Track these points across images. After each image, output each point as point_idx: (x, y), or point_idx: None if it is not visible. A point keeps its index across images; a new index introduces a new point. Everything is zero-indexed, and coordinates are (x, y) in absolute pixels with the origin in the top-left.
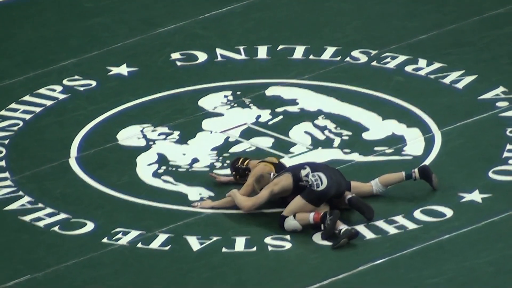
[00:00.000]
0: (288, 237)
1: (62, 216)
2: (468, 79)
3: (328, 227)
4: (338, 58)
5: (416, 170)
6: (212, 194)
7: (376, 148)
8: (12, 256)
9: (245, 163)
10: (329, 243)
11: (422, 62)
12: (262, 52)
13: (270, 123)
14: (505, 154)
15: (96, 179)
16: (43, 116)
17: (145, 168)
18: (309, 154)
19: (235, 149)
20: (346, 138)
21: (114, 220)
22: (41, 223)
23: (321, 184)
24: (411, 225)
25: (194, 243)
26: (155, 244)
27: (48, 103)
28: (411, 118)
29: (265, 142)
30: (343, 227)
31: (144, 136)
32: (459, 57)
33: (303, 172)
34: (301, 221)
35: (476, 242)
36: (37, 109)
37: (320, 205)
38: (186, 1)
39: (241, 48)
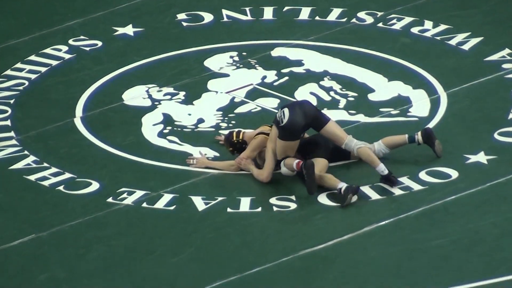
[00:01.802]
0: (293, 197)
1: (67, 175)
2: (474, 41)
3: (307, 179)
4: (344, 20)
5: (419, 133)
6: (217, 154)
7: (381, 109)
8: (16, 215)
9: (240, 136)
10: (335, 204)
11: (428, 24)
12: (268, 13)
13: (275, 84)
14: (511, 116)
15: (101, 139)
16: (48, 76)
17: (150, 128)
18: None
19: (240, 109)
20: (352, 99)
21: (119, 180)
22: (46, 183)
23: (284, 117)
24: (416, 186)
25: (199, 203)
26: (160, 204)
27: (54, 63)
28: (417, 80)
29: (270, 103)
30: (342, 185)
31: (150, 96)
32: (465, 19)
33: (277, 115)
34: (288, 167)
35: (481, 204)
36: (43, 69)
37: (294, 139)
38: None
39: (247, 9)
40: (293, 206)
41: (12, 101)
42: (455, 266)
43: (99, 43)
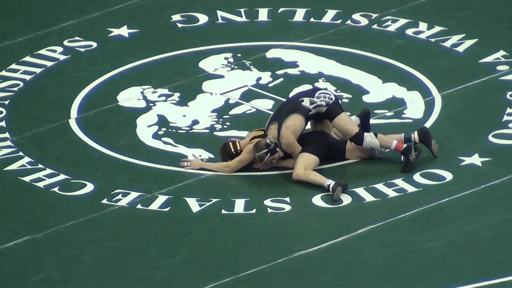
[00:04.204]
0: (287, 199)
1: (62, 177)
2: (469, 42)
3: (412, 161)
4: (339, 21)
5: (415, 132)
6: (211, 156)
7: (376, 111)
8: (11, 216)
9: (238, 147)
10: (330, 206)
11: (422, 26)
12: (263, 14)
13: (270, 85)
14: (505, 118)
15: (96, 140)
16: (43, 77)
17: (145, 129)
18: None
19: (235, 111)
20: (347, 100)
21: (113, 182)
22: (40, 184)
23: (331, 94)
24: (410, 188)
25: (194, 205)
26: (154, 206)
27: (49, 64)
28: (411, 81)
29: (265, 104)
30: (330, 182)
31: (144, 98)
32: (459, 20)
33: (306, 103)
34: (382, 142)
35: (476, 206)
36: (38, 70)
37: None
38: None
39: (242, 10)
40: (287, 207)
41: (6, 102)
42: (450, 268)
43: (94, 44)
